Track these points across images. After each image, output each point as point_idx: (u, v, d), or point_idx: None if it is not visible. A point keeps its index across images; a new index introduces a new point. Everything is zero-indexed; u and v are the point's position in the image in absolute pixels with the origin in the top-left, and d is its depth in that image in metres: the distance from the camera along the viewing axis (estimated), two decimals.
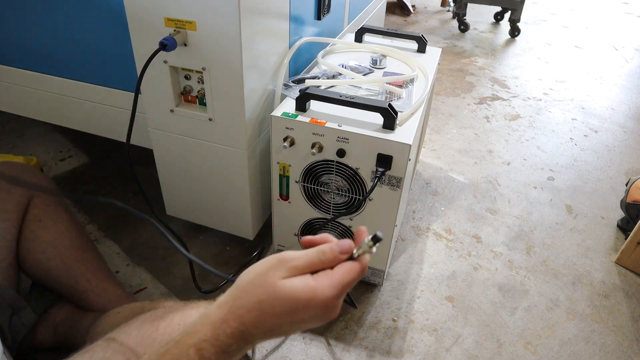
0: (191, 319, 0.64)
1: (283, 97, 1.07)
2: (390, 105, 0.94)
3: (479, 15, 3.40)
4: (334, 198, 1.07)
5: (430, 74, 1.20)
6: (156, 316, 0.68)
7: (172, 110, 1.03)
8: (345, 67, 1.17)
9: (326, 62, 1.18)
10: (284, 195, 1.11)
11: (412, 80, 1.17)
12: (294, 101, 1.01)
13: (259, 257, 1.28)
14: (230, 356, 0.43)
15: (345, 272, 0.44)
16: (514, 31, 2.99)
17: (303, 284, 0.43)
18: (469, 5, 3.16)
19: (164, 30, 0.90)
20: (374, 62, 1.22)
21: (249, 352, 1.04)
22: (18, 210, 0.88)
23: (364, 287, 1.22)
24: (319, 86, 1.06)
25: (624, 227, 1.46)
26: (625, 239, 1.36)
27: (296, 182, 1.07)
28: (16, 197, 0.88)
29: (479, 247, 1.38)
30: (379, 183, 0.97)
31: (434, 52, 1.37)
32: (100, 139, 1.30)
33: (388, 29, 1.35)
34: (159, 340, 0.64)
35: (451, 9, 3.43)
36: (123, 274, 1.22)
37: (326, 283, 0.43)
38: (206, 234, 1.34)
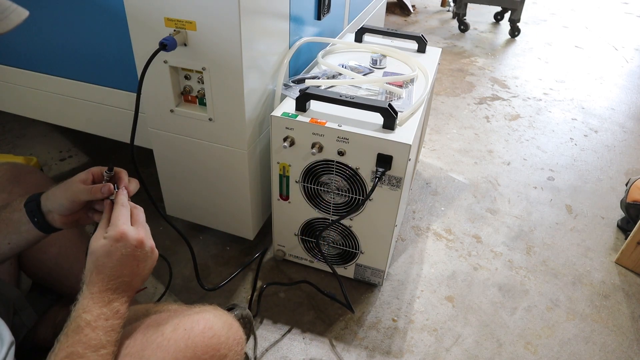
0: (198, 325, 0.67)
1: (283, 97, 1.07)
2: (390, 105, 0.94)
3: (479, 15, 3.40)
4: (334, 198, 1.07)
5: (430, 74, 1.20)
6: (161, 321, 0.68)
7: (172, 110, 1.03)
8: (345, 67, 1.17)
9: (326, 62, 1.18)
10: (284, 195, 1.11)
11: (412, 80, 1.17)
12: (294, 101, 1.01)
13: (262, 258, 1.28)
14: (119, 303, 0.63)
15: (114, 215, 0.66)
16: (514, 31, 2.99)
17: (98, 236, 0.64)
18: (469, 5, 3.16)
19: (164, 30, 0.90)
20: (374, 62, 1.22)
21: (249, 352, 1.05)
22: None
23: (364, 287, 1.22)
24: (319, 86, 1.06)
25: (624, 227, 1.46)
26: (625, 239, 1.36)
27: (296, 182, 1.07)
28: (16, 197, 0.88)
29: (479, 247, 1.38)
30: (379, 183, 0.97)
31: (434, 52, 1.37)
32: (100, 139, 1.30)
33: (388, 29, 1.35)
34: (164, 346, 0.64)
35: (451, 9, 3.43)
36: None
37: (110, 228, 0.64)
38: (206, 234, 1.34)
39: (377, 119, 0.96)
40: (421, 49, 1.35)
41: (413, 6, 3.48)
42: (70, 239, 0.93)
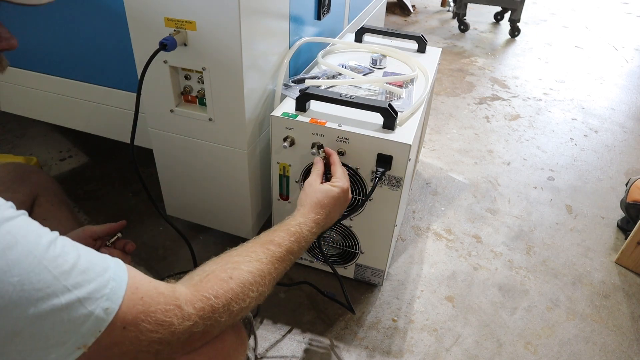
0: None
1: (283, 97, 1.07)
2: (390, 105, 0.94)
3: (479, 15, 3.40)
4: None
5: (430, 74, 1.20)
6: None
7: (172, 110, 1.03)
8: (345, 67, 1.17)
9: (326, 62, 1.18)
10: (284, 195, 1.11)
11: (412, 80, 1.17)
12: (294, 101, 1.01)
13: None
14: (311, 238, 0.79)
15: (338, 170, 0.91)
16: (514, 31, 3.00)
17: (316, 180, 0.88)
18: (469, 5, 3.16)
19: (164, 30, 0.90)
20: (374, 62, 1.22)
21: (249, 352, 1.05)
22: (22, 209, 0.88)
23: (364, 287, 1.22)
24: (319, 86, 1.06)
25: (624, 227, 1.46)
26: (625, 239, 1.36)
27: (296, 182, 1.07)
28: (21, 196, 0.88)
29: (479, 247, 1.38)
30: (379, 183, 0.97)
31: (434, 52, 1.37)
32: (100, 139, 1.30)
33: (388, 29, 1.35)
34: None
35: (451, 9, 3.43)
36: None
37: (338, 179, 0.88)
38: (206, 234, 1.34)
39: (377, 119, 0.96)
40: (421, 49, 1.35)
41: (413, 6, 3.48)
42: (65, 226, 0.93)
